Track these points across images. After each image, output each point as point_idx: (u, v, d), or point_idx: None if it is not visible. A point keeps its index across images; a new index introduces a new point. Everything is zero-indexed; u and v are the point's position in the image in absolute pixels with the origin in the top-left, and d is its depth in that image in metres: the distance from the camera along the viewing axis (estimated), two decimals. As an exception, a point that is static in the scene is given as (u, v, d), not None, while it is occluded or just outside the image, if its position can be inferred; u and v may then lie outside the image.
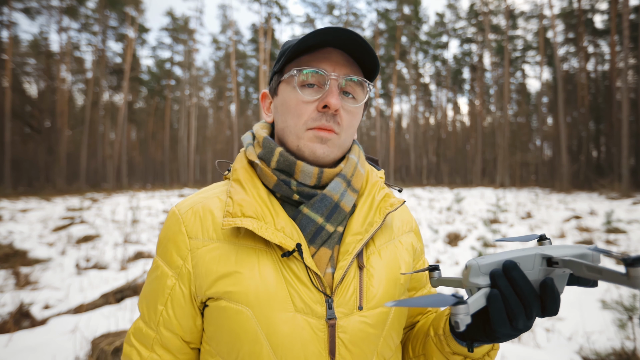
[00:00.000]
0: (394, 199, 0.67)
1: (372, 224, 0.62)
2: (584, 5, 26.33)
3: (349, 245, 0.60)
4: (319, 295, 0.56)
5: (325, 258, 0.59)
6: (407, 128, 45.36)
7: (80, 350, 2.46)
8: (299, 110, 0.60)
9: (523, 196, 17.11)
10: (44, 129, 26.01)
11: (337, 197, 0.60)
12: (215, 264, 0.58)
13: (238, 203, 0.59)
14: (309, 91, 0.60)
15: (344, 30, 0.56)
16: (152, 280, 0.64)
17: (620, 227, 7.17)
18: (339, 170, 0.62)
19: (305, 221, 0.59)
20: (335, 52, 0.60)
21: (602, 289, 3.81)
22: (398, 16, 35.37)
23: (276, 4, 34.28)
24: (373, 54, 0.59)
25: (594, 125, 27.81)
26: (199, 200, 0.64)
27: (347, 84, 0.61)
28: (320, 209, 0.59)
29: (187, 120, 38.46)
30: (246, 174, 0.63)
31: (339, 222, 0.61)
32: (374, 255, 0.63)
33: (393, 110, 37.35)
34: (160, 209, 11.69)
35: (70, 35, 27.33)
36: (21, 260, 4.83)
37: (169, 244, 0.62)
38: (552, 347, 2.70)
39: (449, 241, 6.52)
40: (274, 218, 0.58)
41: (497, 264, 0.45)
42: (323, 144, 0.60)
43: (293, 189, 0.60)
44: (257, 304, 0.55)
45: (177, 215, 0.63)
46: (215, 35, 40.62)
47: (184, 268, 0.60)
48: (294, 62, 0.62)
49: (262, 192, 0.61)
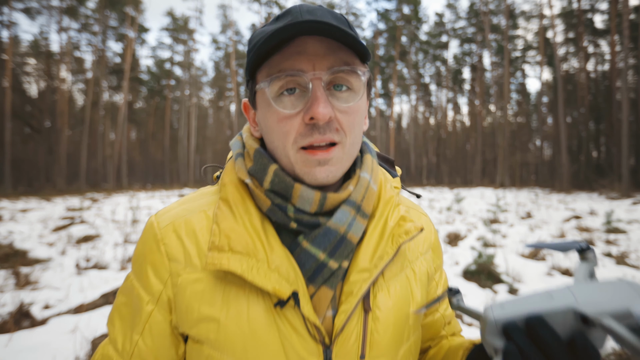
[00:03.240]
0: (410, 223, 0.55)
1: (383, 257, 0.52)
2: (584, 5, 26.33)
3: (354, 285, 0.50)
4: (315, 346, 0.49)
5: (326, 300, 0.50)
6: (407, 128, 45.35)
7: (81, 350, 2.46)
8: (282, 128, 0.49)
9: (523, 196, 17.11)
10: (44, 129, 26.01)
11: (343, 229, 0.50)
12: (197, 301, 0.49)
13: (225, 234, 0.49)
14: (290, 100, 0.49)
15: (311, 21, 0.44)
16: (125, 302, 0.54)
17: (620, 227, 7.17)
18: (346, 195, 0.51)
19: (305, 257, 0.49)
20: (310, 40, 0.47)
21: (602, 289, 3.82)
22: (398, 16, 35.37)
23: (276, 4, 34.27)
24: (353, 37, 0.46)
25: (594, 125, 27.82)
26: (181, 213, 0.54)
27: (335, 77, 0.49)
28: (322, 243, 0.49)
29: (187, 120, 38.47)
30: (236, 194, 0.53)
31: (344, 256, 0.51)
32: (382, 292, 0.53)
33: (393, 110, 37.37)
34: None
35: (70, 35, 27.31)
36: (21, 260, 4.83)
37: (145, 264, 0.53)
38: (552, 347, 2.69)
39: (449, 241, 6.52)
40: (267, 254, 0.49)
41: (519, 318, 0.37)
42: (324, 167, 0.49)
43: (290, 215, 0.50)
44: (245, 356, 0.47)
45: (155, 230, 0.53)
46: (215, 35, 40.63)
47: (164, 294, 0.51)
48: (263, 65, 0.50)
49: (254, 219, 0.51)
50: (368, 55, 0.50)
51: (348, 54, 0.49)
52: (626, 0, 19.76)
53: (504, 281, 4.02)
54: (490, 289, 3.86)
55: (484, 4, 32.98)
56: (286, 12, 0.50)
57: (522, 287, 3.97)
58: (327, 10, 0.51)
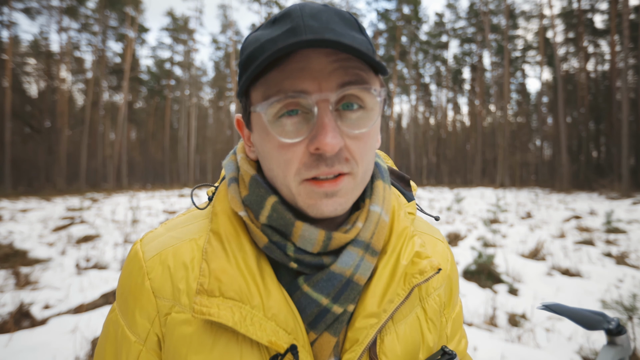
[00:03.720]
0: (426, 260, 0.48)
1: (393, 300, 0.46)
2: (584, 5, 26.34)
3: (359, 332, 0.44)
4: None
5: (329, 347, 0.45)
6: (407, 128, 45.36)
7: (81, 350, 2.46)
8: (283, 157, 0.42)
9: (523, 196, 17.12)
10: (44, 129, 26.03)
11: (349, 272, 0.44)
12: (185, 347, 0.43)
13: (216, 275, 0.43)
14: (292, 124, 0.41)
15: (318, 41, 0.36)
16: (111, 340, 0.49)
17: (620, 227, 7.18)
18: (354, 234, 0.46)
19: (305, 301, 0.44)
20: (315, 53, 0.40)
21: (602, 289, 3.82)
22: (398, 16, 35.38)
23: (276, 4, 34.28)
24: (364, 53, 0.37)
25: (594, 125, 27.83)
26: (169, 242, 0.48)
27: (344, 95, 0.41)
28: (325, 288, 0.44)
29: (187, 120, 38.49)
30: (229, 227, 0.47)
31: (350, 300, 0.45)
32: (390, 336, 0.47)
33: (393, 110, 37.38)
34: (160, 209, 11.69)
35: (70, 35, 27.32)
36: (21, 260, 4.83)
37: (130, 299, 0.47)
38: (552, 347, 2.69)
39: (449, 241, 6.52)
40: (263, 299, 0.43)
41: None
42: (331, 199, 0.42)
43: (290, 255, 0.44)
44: None
45: (140, 261, 0.47)
46: (215, 35, 40.67)
47: (152, 334, 0.46)
48: (259, 82, 0.42)
49: (249, 258, 0.45)
50: (383, 68, 0.41)
51: (361, 65, 0.41)
52: (626, 0, 19.77)
53: (504, 281, 4.02)
54: (490, 289, 3.86)
55: (484, 4, 32.99)
56: (285, 15, 0.42)
57: (522, 287, 3.97)
58: (333, 12, 0.43)
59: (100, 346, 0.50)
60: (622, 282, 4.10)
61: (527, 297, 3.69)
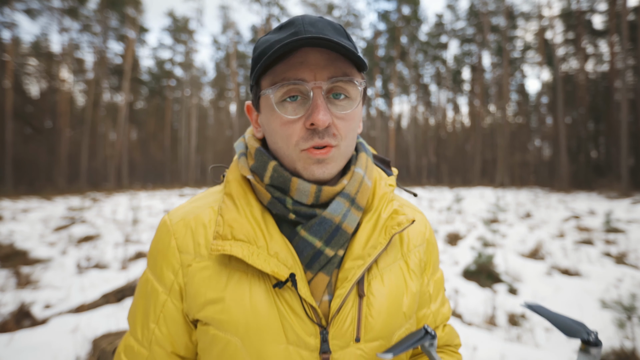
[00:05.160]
0: (402, 216, 0.59)
1: (376, 246, 0.56)
2: (583, 6, 26.35)
3: (348, 272, 0.54)
4: (313, 327, 0.52)
5: (323, 285, 0.54)
6: (407, 128, 45.35)
7: (81, 350, 2.47)
8: (286, 132, 0.53)
9: (522, 196, 17.11)
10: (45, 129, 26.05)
11: (338, 219, 0.54)
12: (204, 286, 0.53)
13: (228, 224, 0.54)
14: (292, 106, 0.53)
15: (314, 38, 0.48)
16: (142, 295, 0.59)
17: (619, 226, 7.19)
18: (340, 188, 0.56)
19: (302, 245, 0.54)
20: (312, 51, 0.52)
21: (601, 288, 3.82)
22: (397, 17, 35.39)
23: (276, 4, 34.31)
24: (350, 50, 0.50)
25: (593, 126, 27.83)
26: (191, 210, 0.60)
27: (333, 86, 0.53)
28: (319, 232, 0.54)
29: (188, 120, 38.48)
30: (239, 189, 0.58)
31: (339, 245, 0.55)
32: (376, 280, 0.57)
33: (393, 111, 37.35)
34: (161, 209, 11.70)
35: (71, 36, 27.35)
36: (22, 259, 4.84)
37: (159, 257, 0.58)
38: (552, 347, 2.70)
39: (449, 241, 6.53)
40: (267, 241, 0.53)
41: None
42: (321, 164, 0.54)
43: (289, 207, 0.54)
44: (247, 335, 0.51)
45: (167, 226, 0.59)
46: (215, 35, 40.67)
47: (176, 284, 0.56)
48: (268, 73, 0.55)
49: (255, 211, 0.56)
50: (364, 65, 0.55)
51: (346, 64, 0.53)
52: (625, 1, 19.78)
53: (503, 281, 4.03)
54: (490, 289, 3.87)
55: (483, 5, 33.00)
56: (289, 23, 0.55)
57: (521, 287, 3.98)
58: (327, 22, 0.55)
59: (134, 303, 0.61)
60: (621, 281, 4.11)
61: (526, 297, 3.70)
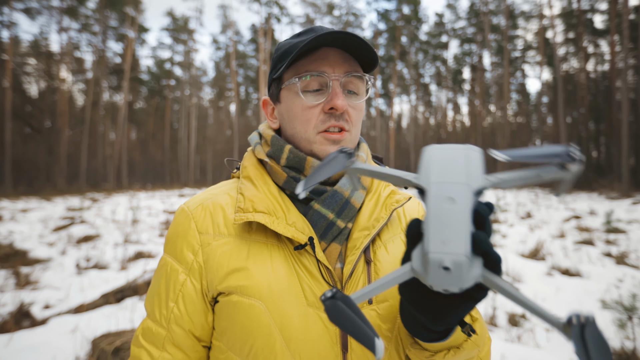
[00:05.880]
0: (399, 195, 0.68)
1: (379, 219, 0.63)
2: (584, 5, 26.33)
3: (356, 241, 0.61)
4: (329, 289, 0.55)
5: (335, 253, 0.61)
6: (407, 128, 45.33)
7: (81, 350, 2.46)
8: (306, 116, 0.61)
9: (523, 196, 17.11)
10: (45, 129, 26.04)
11: (347, 194, 0.62)
12: (226, 258, 0.58)
13: (249, 199, 0.60)
14: (313, 95, 0.61)
15: (338, 32, 0.58)
16: (160, 277, 0.63)
17: (619, 227, 7.18)
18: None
19: (317, 217, 0.60)
20: (331, 51, 0.61)
21: (601, 288, 3.82)
22: (398, 16, 35.36)
23: (276, 4, 34.27)
24: (369, 47, 0.60)
25: (594, 126, 27.81)
26: (208, 197, 0.66)
27: (348, 81, 0.62)
28: (331, 204, 0.61)
29: (187, 120, 38.46)
30: (256, 171, 0.65)
31: (349, 218, 0.62)
32: (381, 249, 0.63)
33: (393, 110, 37.33)
34: (161, 209, 11.68)
35: (70, 36, 27.32)
36: (22, 260, 4.83)
37: (178, 240, 0.63)
38: (552, 347, 2.70)
39: (449, 241, 6.52)
40: (285, 213, 0.60)
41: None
42: (336, 145, 0.61)
43: None
44: (270, 298, 0.56)
45: (186, 212, 0.64)
46: (215, 35, 40.62)
47: (195, 263, 0.60)
48: (291, 67, 0.63)
49: (272, 189, 0.63)
50: (375, 65, 0.64)
51: (357, 64, 0.64)
52: (626, 0, 19.76)
53: (503, 281, 4.02)
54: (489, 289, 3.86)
55: (483, 4, 32.98)
56: (309, 29, 0.65)
57: (522, 287, 3.97)
58: (348, 33, 0.63)
59: (151, 287, 0.65)
60: (621, 282, 4.10)
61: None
